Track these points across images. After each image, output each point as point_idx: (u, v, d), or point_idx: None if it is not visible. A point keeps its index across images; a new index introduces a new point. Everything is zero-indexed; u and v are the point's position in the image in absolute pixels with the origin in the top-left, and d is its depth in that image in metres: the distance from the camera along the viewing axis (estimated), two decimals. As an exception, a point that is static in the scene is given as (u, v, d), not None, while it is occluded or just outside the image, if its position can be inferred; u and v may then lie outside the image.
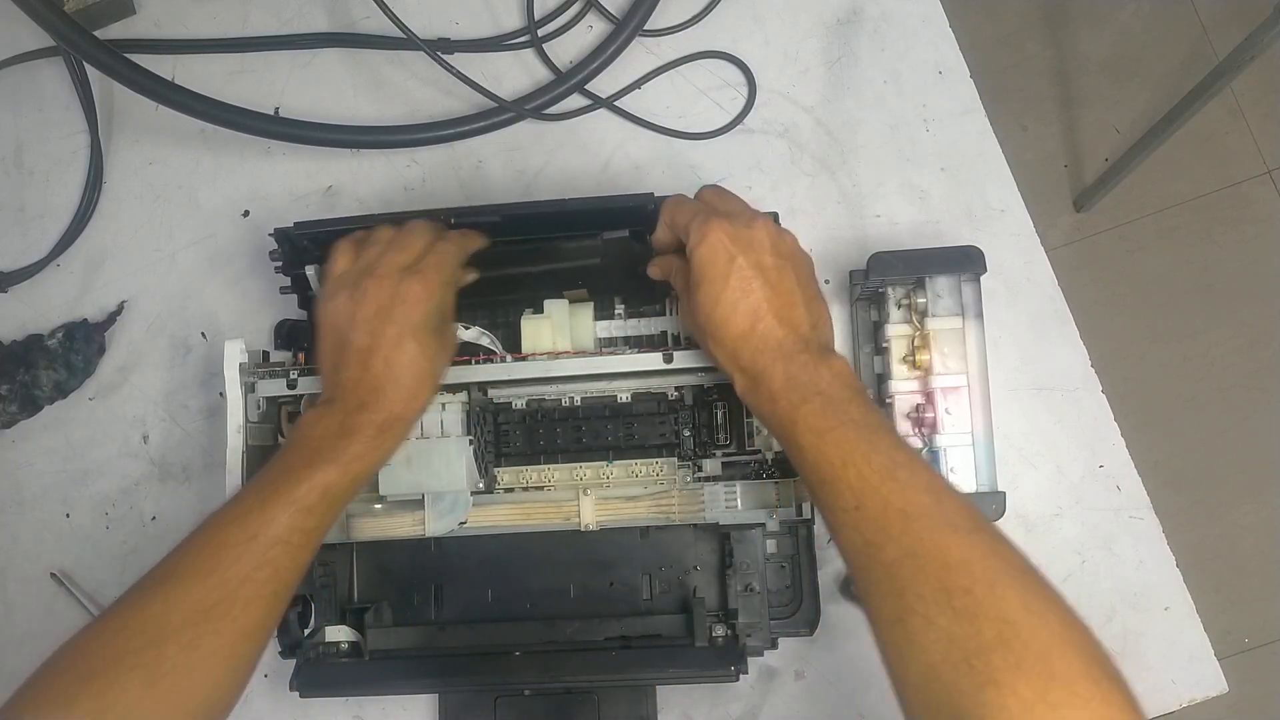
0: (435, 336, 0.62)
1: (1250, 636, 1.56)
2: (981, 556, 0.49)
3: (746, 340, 0.57)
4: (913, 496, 0.51)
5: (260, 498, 0.58)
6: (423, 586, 0.73)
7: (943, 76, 0.81)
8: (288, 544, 0.57)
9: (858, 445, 0.53)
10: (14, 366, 0.80)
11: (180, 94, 0.77)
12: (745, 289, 0.57)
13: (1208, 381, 1.63)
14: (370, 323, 0.60)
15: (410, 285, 0.61)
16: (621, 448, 0.72)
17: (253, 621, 0.56)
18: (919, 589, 0.48)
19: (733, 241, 0.57)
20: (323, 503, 0.58)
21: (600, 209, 0.68)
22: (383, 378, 0.60)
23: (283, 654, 0.72)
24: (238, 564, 0.55)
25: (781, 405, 0.55)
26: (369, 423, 0.60)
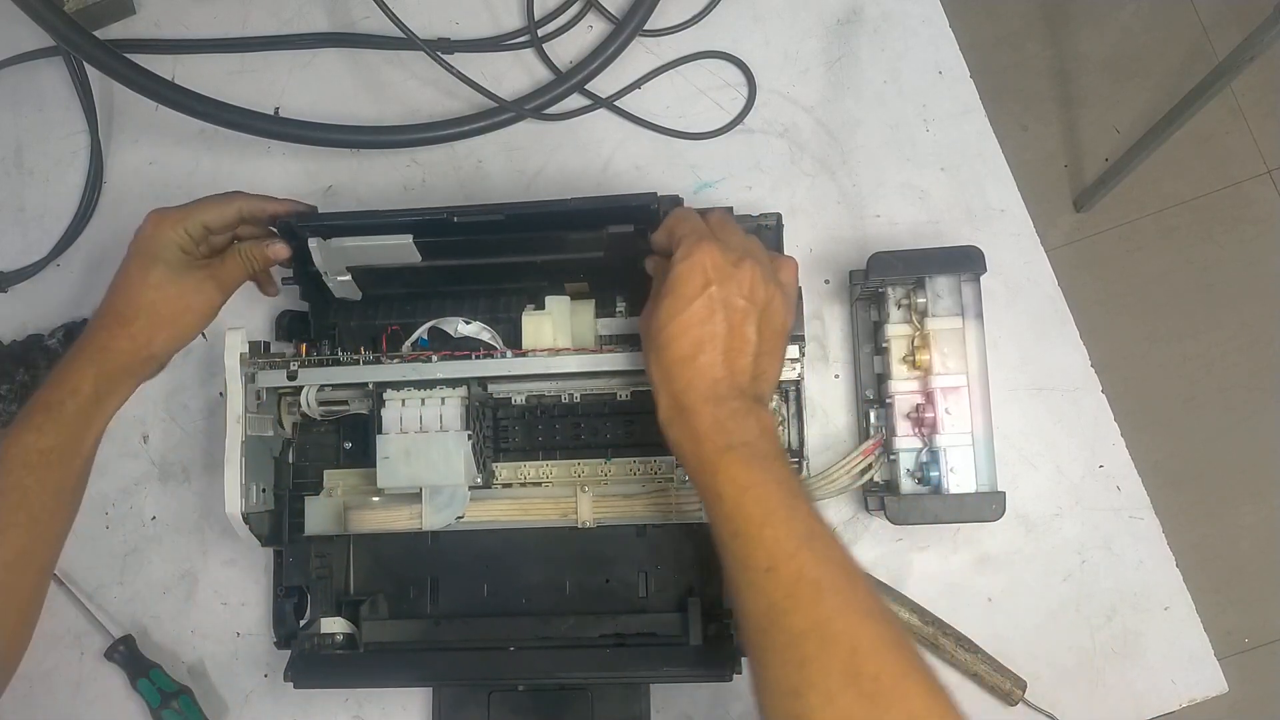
0: (162, 265, 0.64)
1: (1250, 636, 1.56)
2: (891, 647, 0.48)
3: (684, 367, 0.55)
4: (828, 570, 0.50)
5: (5, 431, 0.61)
6: (419, 580, 0.74)
7: (943, 76, 0.81)
8: (28, 465, 0.60)
9: (778, 507, 0.51)
10: (14, 366, 0.80)
11: (180, 94, 0.77)
12: (704, 318, 0.56)
13: (1208, 381, 1.63)
14: (129, 246, 0.66)
15: (151, 216, 0.66)
16: (620, 445, 0.72)
17: (13, 550, 0.58)
18: (824, 664, 0.47)
19: (714, 269, 0.56)
20: (50, 420, 0.61)
21: (602, 209, 0.68)
22: (110, 303, 0.65)
23: (278, 644, 0.72)
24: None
25: (705, 448, 0.54)
26: (89, 339, 0.64)
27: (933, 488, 0.68)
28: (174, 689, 0.75)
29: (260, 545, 0.71)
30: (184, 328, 0.66)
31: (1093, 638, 0.73)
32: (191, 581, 0.79)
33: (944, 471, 0.68)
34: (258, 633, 0.78)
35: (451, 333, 0.73)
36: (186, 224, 0.65)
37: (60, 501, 0.62)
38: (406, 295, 0.75)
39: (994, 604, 0.74)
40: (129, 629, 0.78)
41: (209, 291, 0.66)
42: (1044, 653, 0.73)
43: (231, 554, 0.79)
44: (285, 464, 0.74)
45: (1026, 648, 0.73)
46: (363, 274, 0.72)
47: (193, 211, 0.66)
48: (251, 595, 0.78)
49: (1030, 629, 0.73)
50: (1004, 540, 0.74)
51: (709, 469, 0.53)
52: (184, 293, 0.65)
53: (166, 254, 0.65)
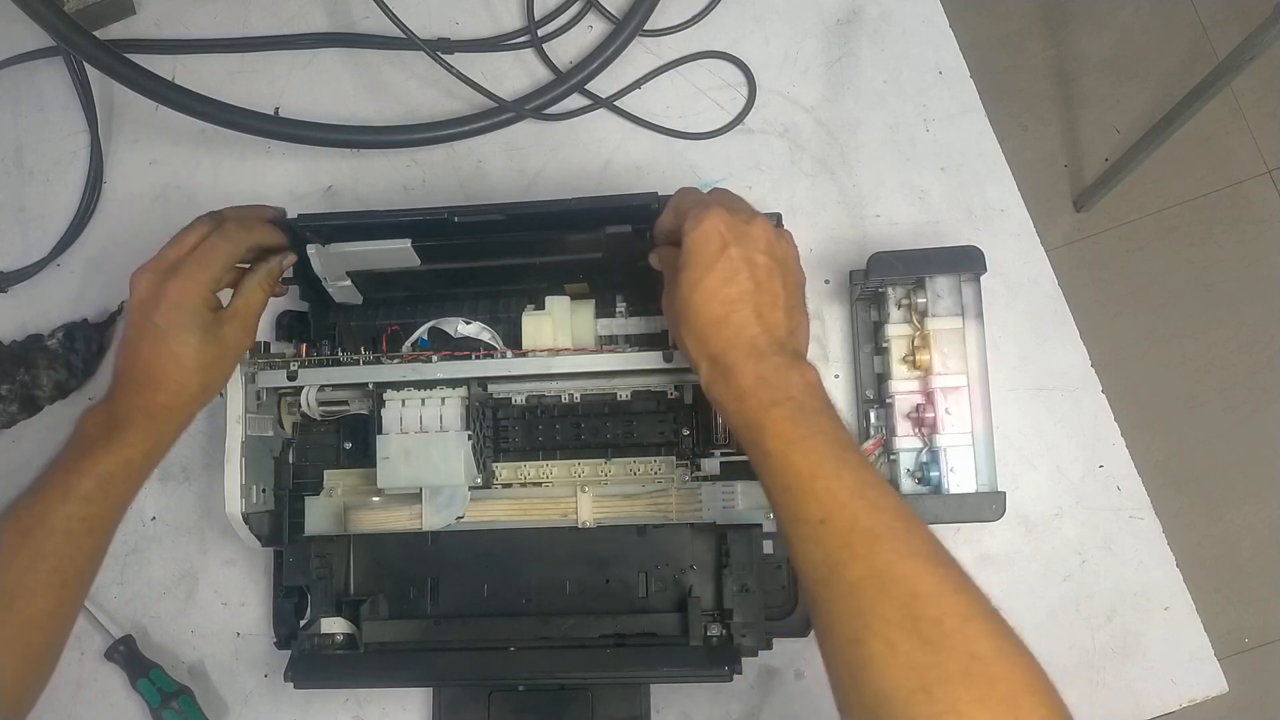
0: (195, 334, 0.62)
1: (1250, 636, 1.56)
2: (953, 591, 0.48)
3: (719, 329, 0.56)
4: (882, 518, 0.50)
5: (37, 493, 0.60)
6: (419, 580, 0.74)
7: (943, 76, 0.81)
8: (68, 533, 0.59)
9: (827, 458, 0.51)
10: (14, 366, 0.80)
11: (180, 94, 0.77)
12: (729, 278, 0.56)
13: (1208, 381, 1.63)
14: (134, 316, 0.63)
15: (169, 283, 0.62)
16: (620, 445, 0.72)
17: (41, 611, 0.58)
18: (883, 612, 0.47)
19: (728, 229, 0.57)
20: (99, 490, 0.60)
21: (602, 208, 0.68)
22: (147, 369, 0.62)
23: (278, 644, 0.72)
24: (15, 558, 0.58)
25: (750, 405, 0.54)
26: (138, 411, 0.62)
27: (933, 488, 0.68)
28: (174, 689, 0.75)
29: (260, 545, 0.71)
30: (228, 371, 0.66)
31: (1093, 638, 0.73)
32: (191, 581, 0.79)
33: (944, 471, 0.68)
34: (258, 633, 0.78)
35: (451, 333, 0.73)
36: (203, 287, 0.63)
37: (91, 564, 0.62)
38: (407, 299, 0.75)
39: (994, 604, 0.74)
40: (129, 629, 0.78)
41: (244, 337, 0.65)
42: (1044, 653, 0.72)
43: (231, 554, 0.79)
44: (285, 464, 0.74)
45: (1026, 648, 0.73)
46: (363, 278, 0.72)
47: (208, 263, 0.63)
48: (251, 595, 0.78)
49: (1030, 629, 0.72)
50: (1004, 540, 0.74)
51: (755, 426, 0.53)
52: (224, 350, 0.64)
53: (198, 322, 0.62)
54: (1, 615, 0.57)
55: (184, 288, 0.62)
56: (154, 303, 0.62)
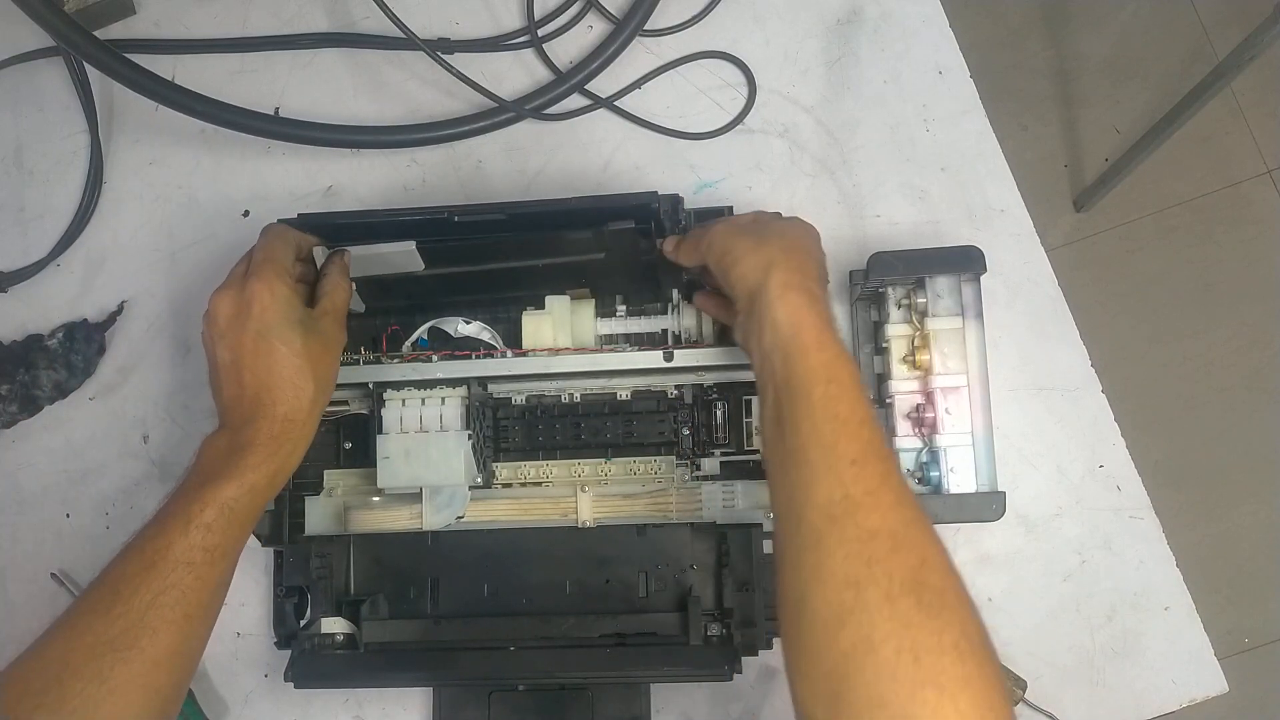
0: (296, 328, 0.61)
1: (1250, 636, 1.56)
2: (956, 573, 0.49)
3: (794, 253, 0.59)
4: (904, 487, 0.52)
5: (159, 525, 0.58)
6: (419, 580, 0.74)
7: (943, 76, 0.81)
8: (190, 564, 0.56)
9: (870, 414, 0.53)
10: (14, 366, 0.80)
11: (180, 94, 0.77)
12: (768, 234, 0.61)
13: (1208, 381, 1.63)
14: (226, 337, 0.61)
15: (250, 286, 0.61)
16: (620, 445, 0.72)
17: (164, 648, 0.55)
18: (891, 567, 0.47)
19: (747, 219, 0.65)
20: (222, 519, 0.58)
21: (602, 208, 0.68)
22: (257, 386, 0.60)
23: (278, 644, 0.72)
24: (138, 593, 0.55)
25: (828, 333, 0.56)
26: (260, 433, 0.60)
27: (933, 488, 0.68)
28: (174, 689, 0.75)
29: (260, 545, 0.71)
30: (336, 374, 0.64)
31: (1093, 638, 0.73)
32: (191, 581, 0.79)
33: (944, 471, 0.68)
34: (258, 633, 0.78)
35: (451, 333, 0.73)
36: (284, 278, 0.62)
37: (216, 596, 0.60)
38: (409, 307, 0.74)
39: (994, 604, 0.74)
40: (129, 629, 0.78)
41: (339, 329, 0.64)
42: (1044, 653, 0.73)
43: (231, 554, 0.79)
44: (285, 464, 0.74)
45: (1026, 648, 0.73)
46: (366, 285, 0.72)
47: (274, 262, 0.62)
48: (251, 595, 0.78)
49: (1030, 629, 0.73)
50: (1004, 540, 0.74)
51: (829, 348, 0.55)
52: (328, 345, 0.63)
53: (295, 314, 0.61)
54: (126, 654, 0.54)
55: (269, 285, 0.61)
56: (245, 313, 0.61)
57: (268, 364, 0.60)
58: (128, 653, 0.54)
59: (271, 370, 0.60)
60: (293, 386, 0.60)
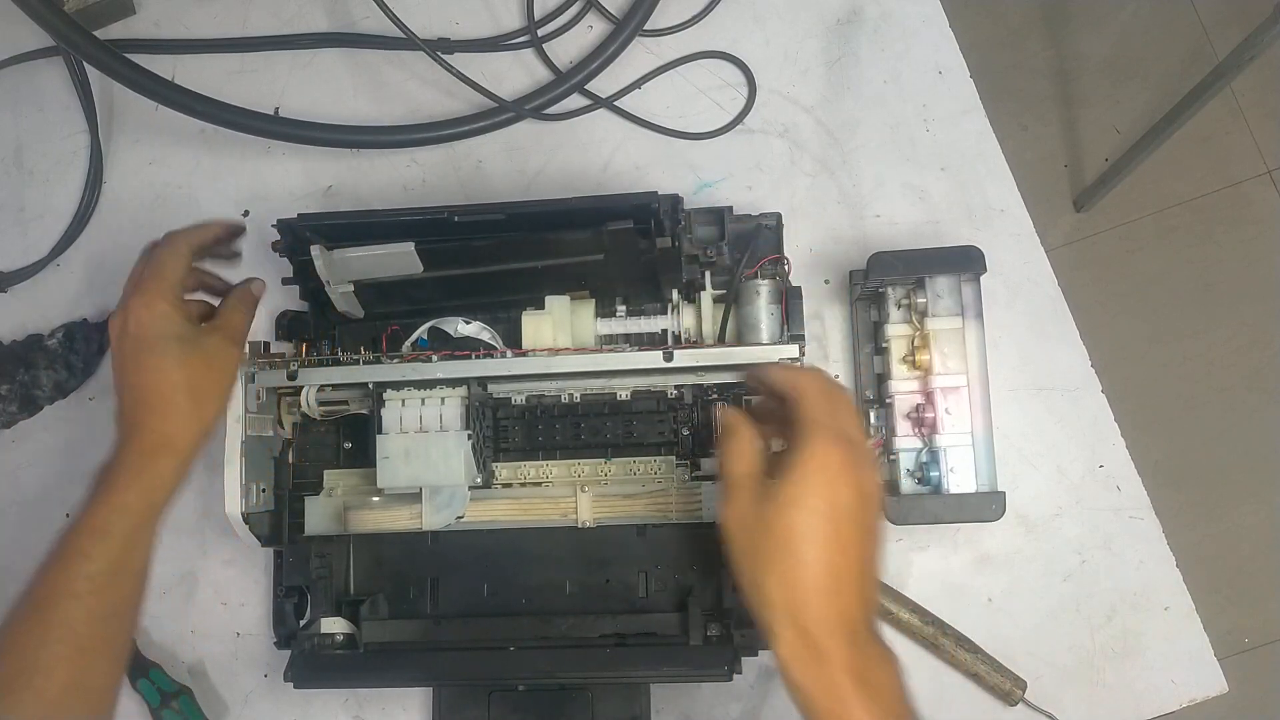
0: (173, 344, 0.60)
1: (1250, 636, 1.56)
2: None
3: (827, 599, 0.47)
4: None
5: (47, 559, 0.57)
6: (419, 580, 0.74)
7: (943, 76, 0.81)
8: (75, 596, 0.55)
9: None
10: (14, 366, 0.80)
11: (180, 94, 0.77)
12: (852, 541, 0.47)
13: (1208, 381, 1.63)
14: (114, 356, 0.61)
15: (128, 303, 0.60)
16: (620, 445, 0.72)
17: (60, 686, 0.54)
18: None
19: (859, 480, 0.48)
20: (98, 544, 0.56)
21: (603, 208, 0.68)
22: (132, 402, 0.59)
23: (278, 644, 0.72)
24: (30, 635, 0.55)
25: (849, 707, 0.46)
26: (130, 451, 0.59)
27: (933, 488, 0.68)
28: (174, 689, 0.75)
29: (260, 545, 0.71)
30: (223, 395, 0.62)
31: (1093, 638, 0.73)
32: (191, 581, 0.79)
33: (944, 471, 0.68)
34: (258, 633, 0.78)
35: (451, 333, 0.73)
36: (169, 292, 0.61)
37: (109, 627, 0.57)
38: (409, 312, 0.74)
39: (994, 604, 0.74)
40: (129, 629, 0.78)
41: (229, 350, 0.63)
42: (1044, 653, 0.73)
43: (231, 554, 0.79)
44: (285, 464, 0.74)
45: (1026, 648, 0.73)
46: (365, 290, 0.72)
47: (162, 276, 0.61)
48: (251, 595, 0.78)
49: (1030, 629, 0.73)
50: (1004, 540, 0.74)
51: (830, 703, 0.46)
52: (209, 362, 0.61)
53: (172, 331, 0.60)
54: (19, 696, 0.53)
55: (147, 299, 0.60)
56: (123, 330, 0.60)
57: (141, 380, 0.59)
58: (20, 695, 0.53)
59: (144, 386, 0.59)
60: (166, 403, 0.59)
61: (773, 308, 0.71)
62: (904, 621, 0.72)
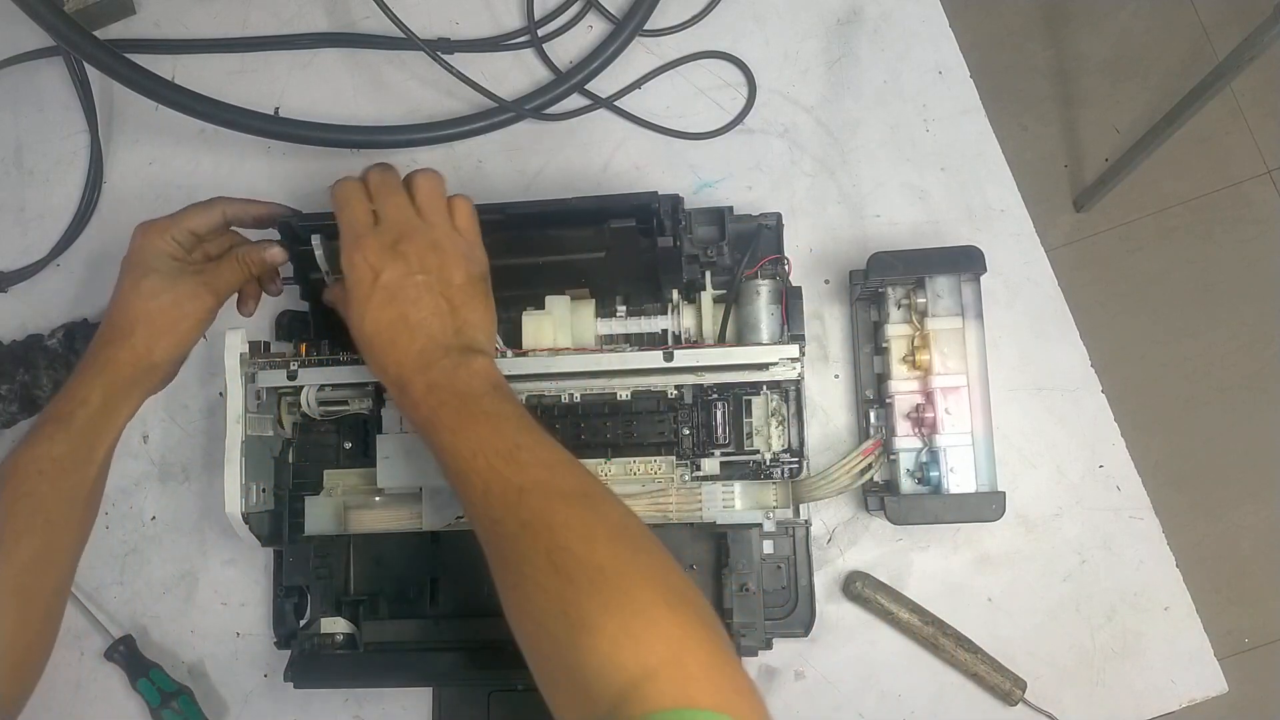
0: (153, 275, 0.65)
1: (1250, 636, 1.56)
2: (582, 517, 0.51)
3: (389, 352, 0.58)
4: (531, 473, 0.53)
5: (15, 446, 0.63)
6: (419, 580, 0.74)
7: (943, 76, 0.81)
8: (42, 473, 0.61)
9: (487, 436, 0.54)
10: (14, 366, 0.80)
11: (180, 94, 0.77)
12: (386, 303, 0.58)
13: (1208, 381, 1.63)
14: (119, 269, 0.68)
15: (143, 229, 0.67)
16: (620, 445, 0.72)
17: (29, 553, 0.60)
18: (530, 555, 0.50)
19: (376, 259, 0.59)
20: (61, 430, 0.62)
21: (602, 209, 0.68)
22: (111, 311, 0.66)
23: (278, 644, 0.72)
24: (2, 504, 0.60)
25: (422, 411, 0.57)
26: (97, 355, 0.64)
27: (933, 488, 0.68)
28: (174, 689, 0.75)
29: (260, 545, 0.71)
30: (181, 335, 0.66)
31: (1093, 638, 0.73)
32: (191, 581, 0.79)
33: (944, 471, 0.68)
34: (258, 633, 0.78)
35: (451, 333, 0.73)
36: (173, 232, 0.67)
37: (75, 508, 0.63)
38: None
39: (994, 604, 0.74)
40: (129, 629, 0.78)
41: (203, 296, 0.66)
42: (1044, 653, 0.73)
43: (231, 554, 0.79)
44: (285, 464, 0.74)
45: (1026, 648, 0.73)
46: None
47: (178, 219, 0.67)
48: (251, 595, 0.78)
49: (1030, 629, 0.73)
50: (1004, 540, 0.74)
51: (430, 428, 0.56)
52: (179, 300, 0.65)
53: (158, 263, 0.66)
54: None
55: (148, 232, 0.67)
56: (130, 247, 0.67)
57: (118, 296, 0.66)
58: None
59: (118, 301, 0.66)
60: (131, 321, 0.65)
61: (773, 308, 0.71)
62: (904, 621, 0.72)
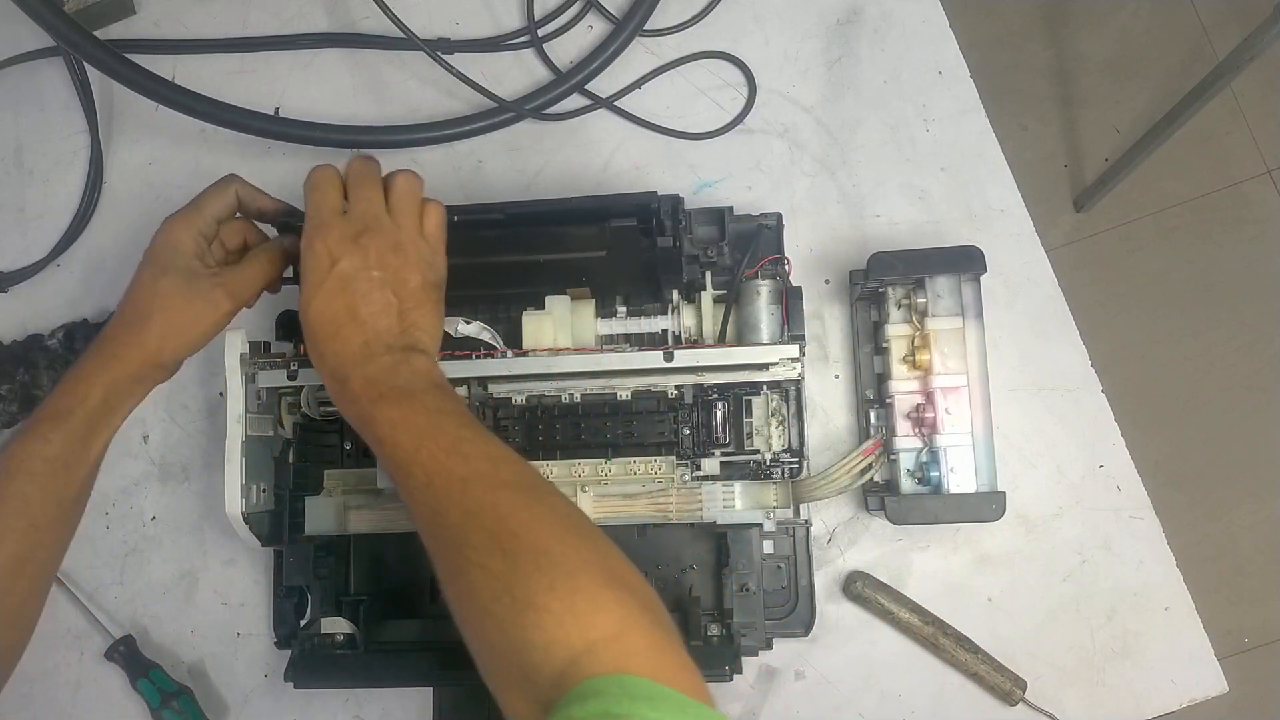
0: (169, 274, 0.62)
1: (1250, 636, 1.56)
2: (527, 504, 0.52)
3: (331, 343, 0.58)
4: (474, 465, 0.54)
5: (8, 442, 0.61)
6: (419, 580, 0.73)
7: (943, 76, 0.81)
8: (31, 475, 0.59)
9: (427, 429, 0.55)
10: (14, 366, 0.80)
11: (180, 94, 0.77)
12: (335, 293, 0.57)
13: (1208, 381, 1.63)
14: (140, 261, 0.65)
15: (166, 224, 0.64)
16: (620, 445, 0.72)
17: (10, 555, 0.58)
18: (474, 540, 0.51)
19: (337, 246, 0.58)
20: (57, 430, 0.60)
21: (602, 209, 0.67)
22: (122, 309, 0.63)
23: (278, 644, 0.72)
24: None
25: (361, 405, 0.56)
26: (99, 351, 0.62)
27: (933, 488, 0.68)
28: (174, 689, 0.75)
29: (260, 545, 0.71)
30: (194, 337, 0.64)
31: (1093, 638, 0.73)
32: (191, 581, 0.79)
33: (944, 471, 0.68)
34: (258, 633, 0.78)
35: (451, 333, 0.73)
36: (199, 224, 0.64)
37: (63, 510, 0.61)
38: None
39: (994, 604, 0.74)
40: (129, 629, 0.78)
41: (219, 300, 0.64)
42: (1044, 653, 0.73)
43: (231, 554, 0.79)
44: (285, 464, 0.74)
45: (1026, 648, 0.73)
46: None
47: (200, 208, 0.65)
48: (251, 595, 0.78)
49: (1030, 629, 0.73)
50: (1004, 540, 0.74)
51: (368, 422, 0.56)
52: (194, 303, 0.63)
53: (179, 261, 0.63)
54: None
55: (173, 227, 0.64)
56: (152, 241, 0.64)
57: (133, 291, 0.63)
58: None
59: (131, 297, 0.63)
60: (142, 319, 0.62)
61: (773, 308, 0.71)
62: (904, 621, 0.72)
